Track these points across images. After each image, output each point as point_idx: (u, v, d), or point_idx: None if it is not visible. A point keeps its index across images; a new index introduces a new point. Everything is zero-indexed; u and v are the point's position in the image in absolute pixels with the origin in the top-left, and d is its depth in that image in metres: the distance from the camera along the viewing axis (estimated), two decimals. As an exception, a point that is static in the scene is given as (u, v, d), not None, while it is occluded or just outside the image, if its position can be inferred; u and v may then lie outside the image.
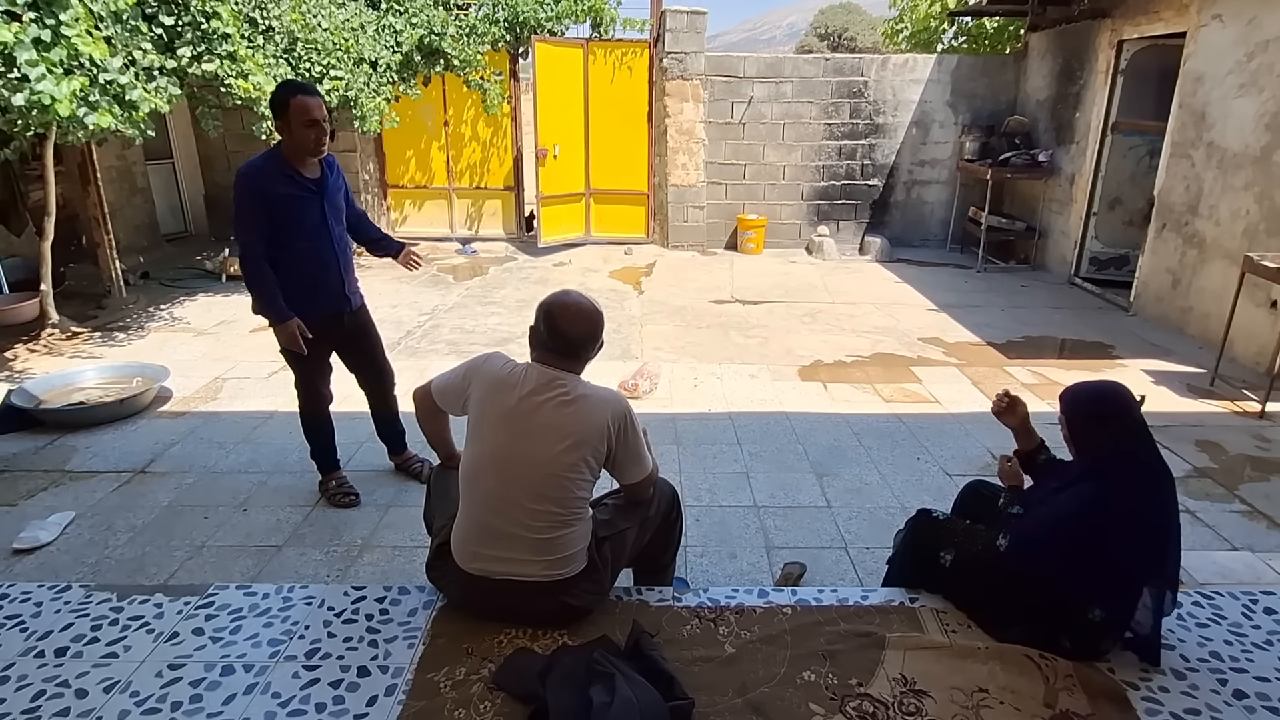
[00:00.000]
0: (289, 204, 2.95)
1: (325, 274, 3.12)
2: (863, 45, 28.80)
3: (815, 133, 8.65)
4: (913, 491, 3.52)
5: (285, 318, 2.99)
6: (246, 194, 2.89)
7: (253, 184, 2.89)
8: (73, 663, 2.13)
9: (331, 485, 3.40)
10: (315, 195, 3.02)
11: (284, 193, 2.93)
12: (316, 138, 2.90)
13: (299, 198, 2.97)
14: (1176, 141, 6.06)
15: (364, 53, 6.68)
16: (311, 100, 2.86)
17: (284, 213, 2.94)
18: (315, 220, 3.03)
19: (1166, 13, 6.18)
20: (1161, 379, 4.94)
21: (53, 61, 3.94)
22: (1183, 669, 2.13)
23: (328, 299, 3.16)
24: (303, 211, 2.99)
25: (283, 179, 2.93)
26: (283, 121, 2.87)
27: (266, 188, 2.90)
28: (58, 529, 3.11)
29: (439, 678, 2.02)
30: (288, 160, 2.94)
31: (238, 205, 2.92)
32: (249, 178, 2.90)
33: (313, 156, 2.97)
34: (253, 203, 2.89)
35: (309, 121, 2.86)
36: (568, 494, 2.06)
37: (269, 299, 2.97)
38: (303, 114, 2.84)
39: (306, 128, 2.86)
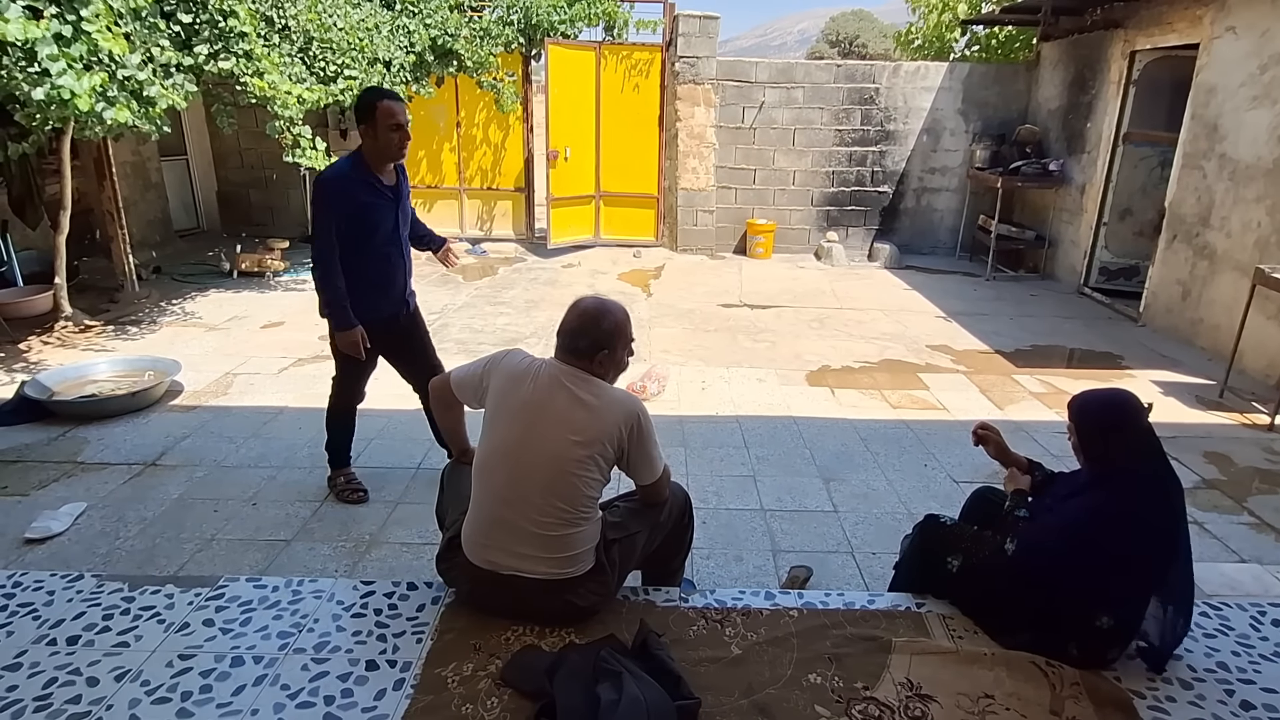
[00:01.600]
0: (368, 212, 2.98)
1: (393, 279, 3.17)
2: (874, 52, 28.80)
3: (826, 139, 8.67)
4: (919, 498, 3.53)
5: (350, 325, 3.03)
6: (329, 200, 2.92)
7: (336, 191, 2.91)
8: (84, 651, 2.15)
9: (340, 481, 3.42)
10: (391, 203, 3.05)
11: (365, 201, 2.96)
12: (400, 142, 2.94)
13: (378, 206, 3.00)
14: (1188, 153, 6.05)
15: (378, 53, 6.72)
16: (397, 105, 2.90)
17: (363, 221, 2.97)
18: (389, 227, 3.07)
19: (1180, 24, 6.17)
20: (1170, 390, 4.92)
21: (73, 57, 3.98)
22: (1190, 679, 2.13)
23: (391, 302, 3.20)
24: (380, 219, 3.02)
25: (364, 187, 2.95)
26: (368, 125, 2.89)
27: (349, 195, 2.93)
28: (69, 519, 3.14)
29: (447, 673, 2.04)
30: (369, 167, 2.96)
31: (318, 210, 2.94)
32: (334, 184, 2.92)
33: (395, 161, 3.02)
34: (335, 209, 2.91)
35: (395, 125, 2.89)
36: (577, 492, 2.07)
37: (339, 306, 3.00)
38: (389, 118, 2.87)
39: (392, 131, 2.89)
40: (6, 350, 5.06)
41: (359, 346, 3.05)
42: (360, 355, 3.08)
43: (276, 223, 8.77)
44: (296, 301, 6.54)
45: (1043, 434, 4.22)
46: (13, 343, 5.16)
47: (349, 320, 3.02)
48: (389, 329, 3.22)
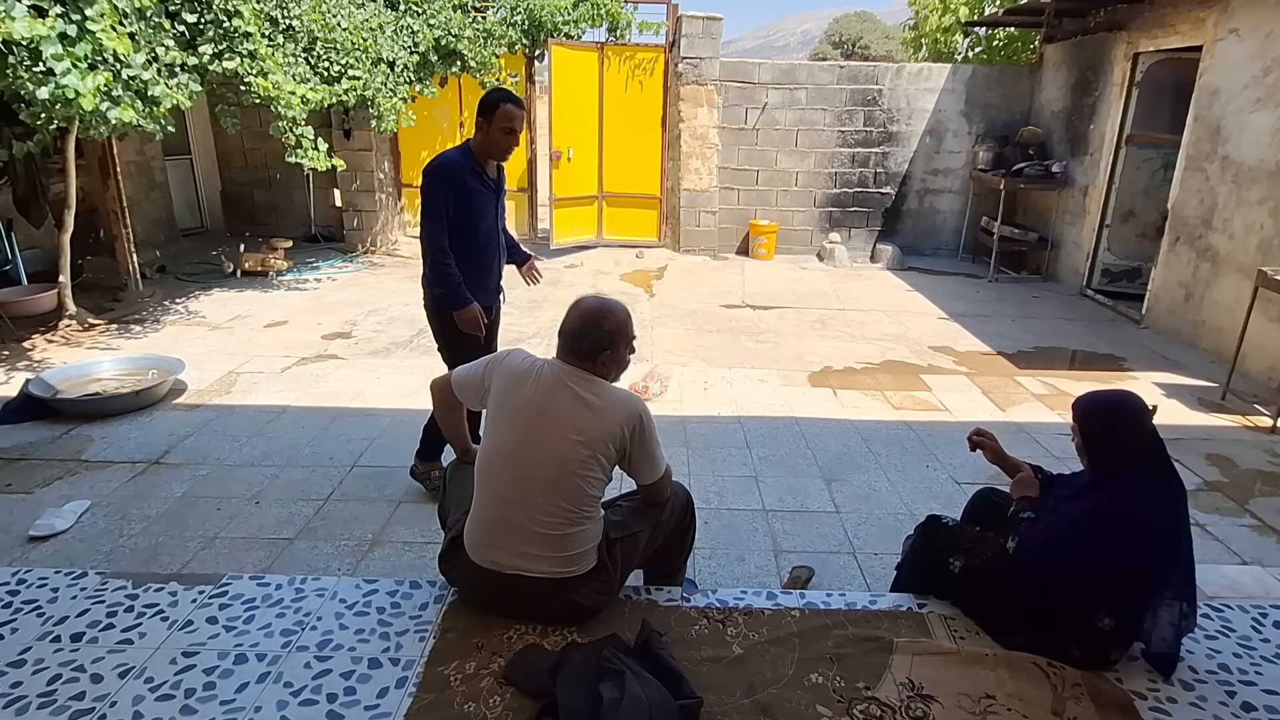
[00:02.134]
0: (474, 200, 3.07)
1: (490, 270, 3.27)
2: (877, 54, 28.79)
3: (829, 140, 8.67)
4: (921, 499, 3.53)
5: (468, 302, 3.10)
6: (439, 185, 3.00)
7: (447, 177, 3.01)
8: (88, 648, 2.15)
9: (435, 474, 3.43)
10: (493, 195, 3.17)
11: (472, 188, 3.06)
12: (509, 145, 3.06)
13: (483, 195, 3.11)
14: (1191, 155, 6.05)
15: (382, 53, 6.73)
16: (517, 111, 3.01)
17: (469, 208, 3.07)
18: (491, 218, 3.18)
19: (1183, 26, 6.17)
20: (1173, 392, 4.92)
21: (78, 56, 3.99)
22: (1191, 680, 2.13)
23: (486, 293, 3.27)
24: (483, 209, 3.12)
25: (472, 175, 3.06)
26: (485, 120, 3.00)
27: (459, 181, 3.02)
28: (73, 517, 3.15)
29: (449, 671, 2.04)
30: (476, 158, 3.08)
31: (428, 194, 3.02)
32: (445, 169, 3.02)
33: (499, 160, 3.15)
34: (444, 192, 3.00)
35: (508, 129, 3.00)
36: (579, 491, 2.07)
37: (454, 286, 3.08)
38: (506, 120, 2.98)
39: (505, 134, 3.01)
40: (11, 348, 5.08)
41: (479, 322, 3.12)
42: (481, 331, 3.15)
43: (280, 222, 8.78)
44: (299, 301, 6.56)
45: (1045, 435, 4.22)
46: (17, 341, 5.17)
47: (466, 298, 3.10)
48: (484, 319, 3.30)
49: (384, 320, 6.06)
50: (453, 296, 3.11)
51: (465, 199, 3.04)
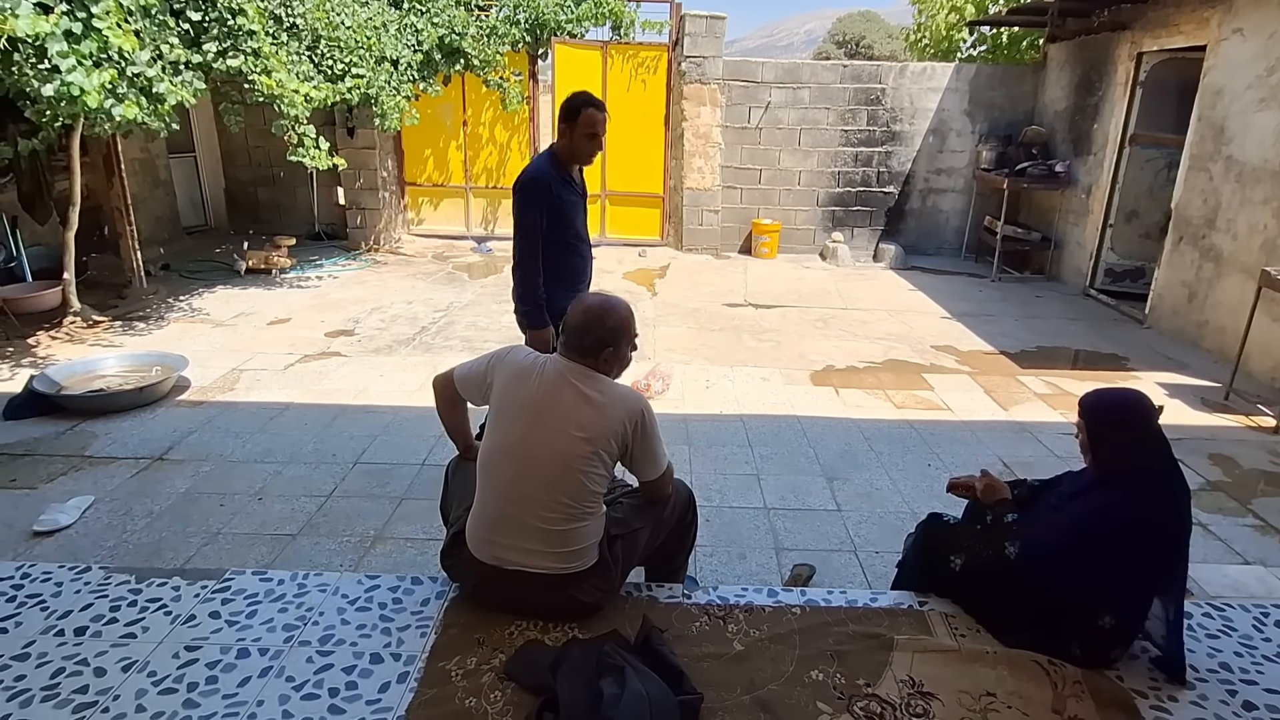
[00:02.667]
0: (565, 208, 3.06)
1: (583, 274, 3.26)
2: (880, 53, 28.76)
3: (832, 139, 8.67)
4: (923, 497, 3.53)
5: (544, 325, 3.10)
6: (536, 197, 2.99)
7: (540, 191, 2.99)
8: (92, 642, 2.17)
9: None
10: (581, 200, 3.17)
11: (563, 197, 3.04)
12: (592, 150, 3.06)
13: (573, 202, 3.10)
14: (1195, 155, 6.04)
15: (385, 51, 6.74)
16: (601, 116, 3.00)
17: (561, 216, 3.05)
18: (581, 223, 3.18)
19: (1187, 26, 6.16)
20: (1175, 392, 4.91)
21: (83, 53, 4.00)
22: (1192, 679, 2.13)
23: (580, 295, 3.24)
24: (574, 215, 3.12)
25: (561, 183, 3.05)
26: (568, 125, 2.99)
27: (551, 194, 3.00)
28: (77, 512, 3.16)
29: (450, 666, 2.05)
30: (561, 164, 3.07)
31: (524, 209, 3.01)
32: (537, 183, 3.00)
33: (582, 165, 3.14)
34: (541, 205, 2.99)
35: (592, 134, 2.99)
36: (581, 487, 2.08)
37: (535, 305, 3.10)
38: (589, 125, 2.97)
39: (588, 139, 3.00)
40: (15, 345, 5.09)
41: (549, 345, 3.05)
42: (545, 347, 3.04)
43: (284, 220, 8.79)
44: (302, 298, 6.57)
45: (1047, 435, 4.21)
46: (21, 338, 5.19)
47: (544, 320, 3.09)
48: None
49: (386, 318, 6.07)
50: (534, 317, 3.12)
51: (558, 209, 3.03)
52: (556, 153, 3.07)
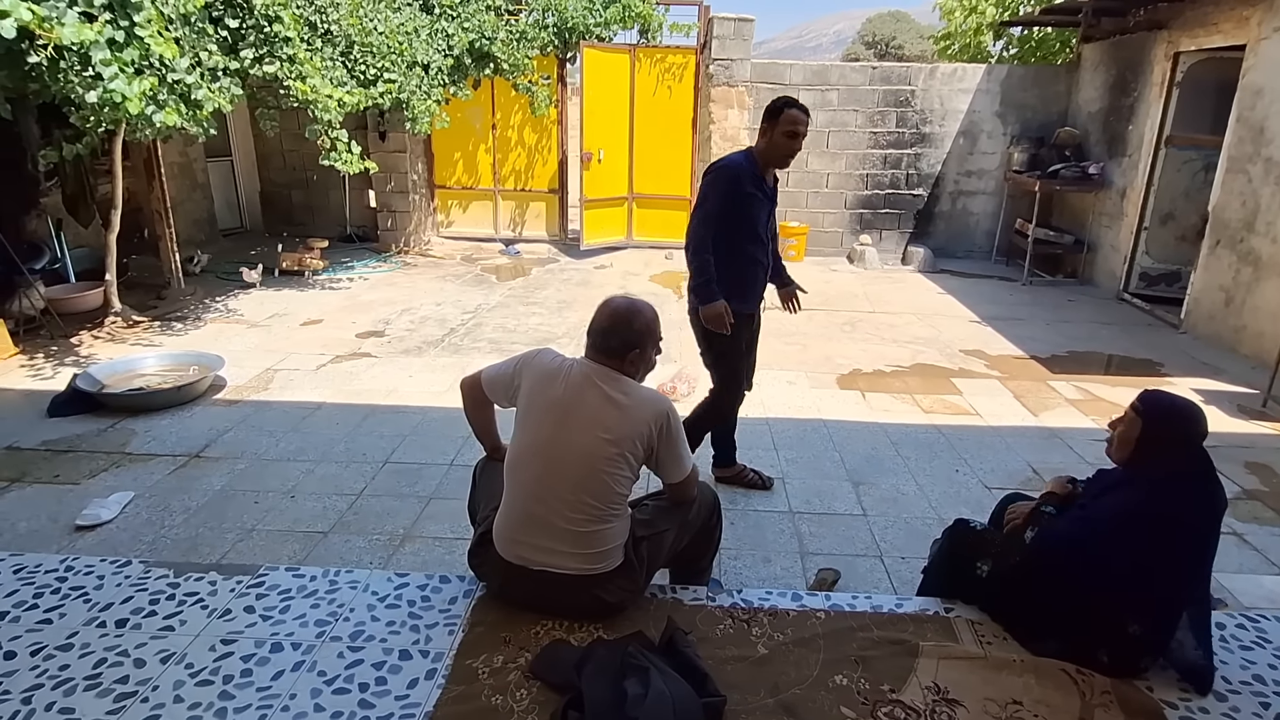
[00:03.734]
0: (749, 204, 3.08)
1: (755, 279, 3.26)
2: (910, 54, 28.49)
3: (860, 141, 8.61)
4: (950, 503, 3.50)
5: (715, 298, 3.06)
6: (720, 185, 3.04)
7: (725, 177, 3.04)
8: (132, 634, 2.23)
9: (749, 473, 3.56)
10: (767, 202, 3.15)
11: (748, 192, 3.06)
12: (789, 151, 3.04)
13: (759, 201, 3.11)
14: (1234, 156, 5.91)
15: (417, 56, 6.84)
16: (802, 116, 2.99)
17: (743, 211, 3.07)
18: (761, 225, 3.15)
19: (1226, 25, 6.03)
20: (1211, 398, 4.81)
21: (125, 61, 4.12)
22: (1224, 691, 2.09)
23: (748, 301, 3.25)
24: (756, 214, 3.12)
25: (752, 179, 3.06)
26: (769, 125, 3.00)
27: (736, 184, 3.04)
28: (118, 508, 3.25)
29: (477, 664, 2.08)
30: (757, 164, 3.08)
31: (709, 190, 3.07)
32: (725, 170, 3.05)
33: (778, 166, 3.14)
34: (724, 194, 3.03)
35: (792, 133, 2.98)
36: (607, 489, 2.10)
37: (707, 280, 3.07)
38: (791, 124, 2.97)
39: (788, 138, 2.99)
40: (59, 344, 5.25)
41: (724, 319, 3.05)
42: (726, 329, 3.08)
43: (317, 222, 8.96)
44: (334, 300, 6.68)
45: (1078, 441, 4.15)
46: (65, 337, 5.35)
47: (715, 294, 3.05)
48: (747, 324, 3.30)
49: (416, 319, 6.15)
50: (703, 290, 3.08)
51: (739, 201, 3.05)
52: (754, 153, 3.09)
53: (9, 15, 3.54)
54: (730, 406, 3.45)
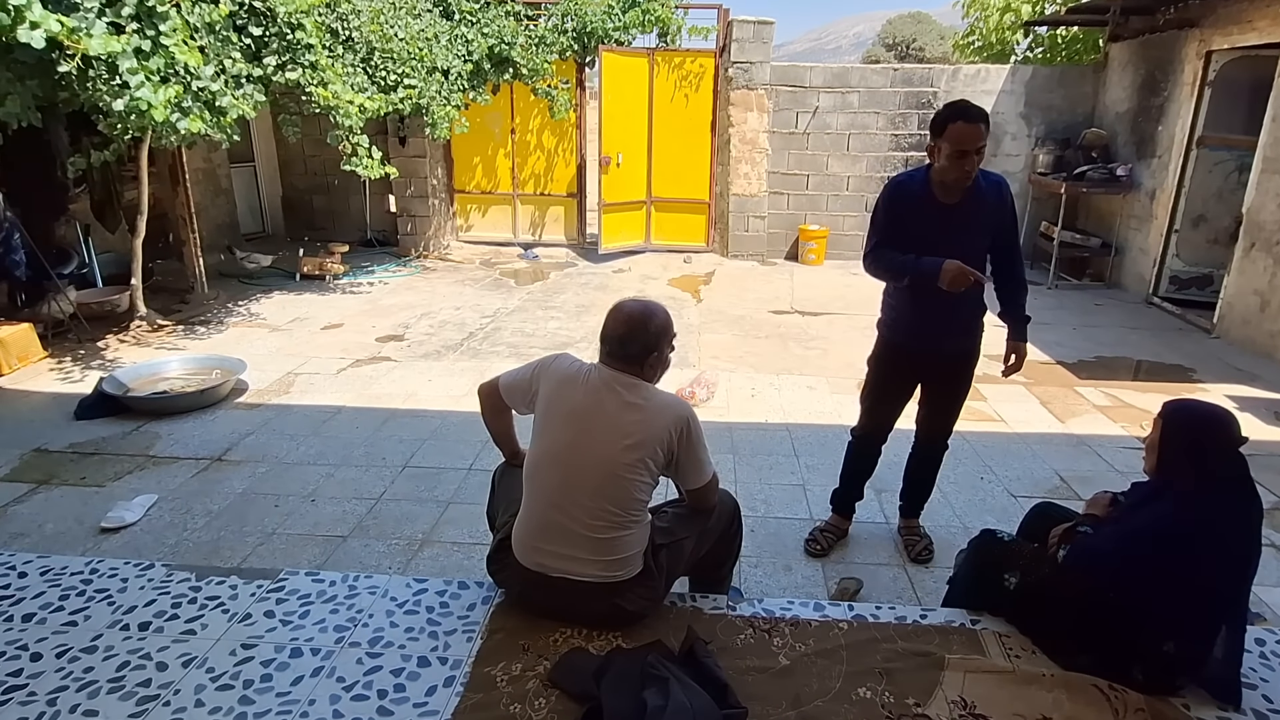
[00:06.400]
0: (907, 225, 2.72)
1: (937, 310, 2.74)
2: (931, 55, 28.26)
3: (881, 144, 8.54)
4: (975, 511, 3.44)
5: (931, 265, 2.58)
6: (883, 195, 2.79)
7: (888, 195, 2.76)
8: (154, 637, 2.24)
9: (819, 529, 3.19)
10: (937, 221, 2.66)
11: (904, 212, 2.72)
12: (958, 176, 2.54)
13: (929, 220, 2.68)
14: (1269, 157, 5.77)
15: (437, 62, 6.87)
16: (973, 128, 2.46)
17: (906, 232, 2.71)
18: (930, 247, 2.63)
19: (1261, 22, 5.90)
20: (1246, 405, 4.69)
21: (151, 70, 4.17)
22: (1265, 710, 2.02)
23: (929, 337, 2.84)
24: (920, 235, 2.67)
25: (913, 198, 2.69)
26: (935, 143, 2.57)
27: (895, 200, 2.74)
28: (142, 510, 3.28)
29: (496, 672, 2.06)
30: (930, 180, 2.65)
31: (876, 207, 2.82)
32: (890, 187, 2.76)
33: (950, 190, 2.62)
34: (883, 206, 2.78)
35: (960, 153, 2.49)
36: (627, 495, 2.08)
37: (898, 267, 2.70)
38: (957, 141, 2.48)
39: (955, 159, 2.50)
40: (86, 348, 5.32)
41: (965, 273, 2.53)
42: (966, 283, 2.56)
43: (338, 227, 9.04)
44: (355, 304, 6.72)
45: (1107, 449, 4.06)
46: (92, 340, 5.42)
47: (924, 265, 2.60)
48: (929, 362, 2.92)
49: (435, 324, 6.17)
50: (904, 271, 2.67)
51: (902, 220, 2.71)
52: (931, 172, 2.64)
53: (39, 26, 3.60)
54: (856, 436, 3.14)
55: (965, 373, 2.97)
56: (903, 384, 3.00)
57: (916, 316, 2.83)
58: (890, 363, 2.98)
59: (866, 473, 3.19)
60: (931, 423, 3.07)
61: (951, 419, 3.07)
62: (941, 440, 3.11)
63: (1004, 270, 2.90)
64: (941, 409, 3.03)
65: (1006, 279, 2.92)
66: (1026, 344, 2.97)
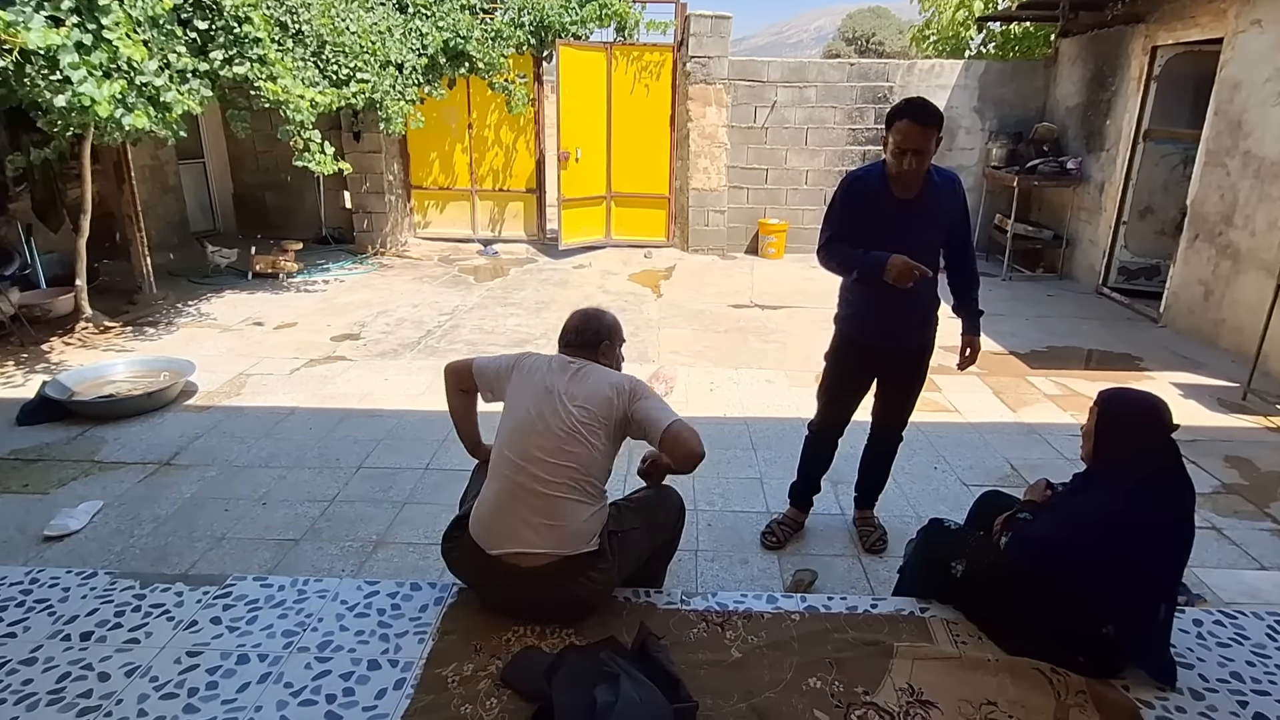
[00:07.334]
0: (862, 220, 2.75)
1: (892, 304, 2.75)
2: (891, 50, 28.62)
3: (839, 138, 8.62)
4: (928, 501, 3.49)
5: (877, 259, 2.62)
6: (839, 188, 2.80)
7: (847, 181, 2.79)
8: (96, 647, 2.19)
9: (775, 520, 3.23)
10: (893, 216, 2.70)
11: (868, 204, 2.73)
12: (901, 172, 2.59)
13: (883, 215, 2.71)
14: (1211, 150, 5.95)
15: (390, 56, 6.76)
16: (917, 128, 2.50)
17: (860, 226, 2.74)
18: (888, 241, 2.65)
19: (1203, 18, 6.07)
20: (1191, 392, 4.84)
21: (93, 64, 4.05)
22: (1201, 689, 2.09)
23: (885, 331, 2.85)
24: (876, 229, 2.71)
25: (868, 191, 2.72)
26: (886, 135, 2.61)
27: (850, 194, 2.76)
28: (86, 517, 3.19)
29: (447, 673, 2.05)
30: (886, 175, 2.68)
31: (830, 202, 2.84)
32: (851, 175, 2.80)
33: (899, 185, 2.67)
34: (839, 199, 2.80)
35: (899, 150, 2.55)
36: (589, 457, 2.16)
37: (848, 261, 2.74)
38: (899, 137, 2.54)
39: (896, 156, 2.57)
40: (30, 351, 5.15)
41: (910, 268, 2.56)
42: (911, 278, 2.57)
43: (291, 224, 8.83)
44: (310, 302, 6.60)
45: (1056, 437, 4.16)
46: (36, 344, 5.25)
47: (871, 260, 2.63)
48: (880, 357, 2.94)
49: (392, 322, 6.09)
50: (852, 265, 2.71)
51: (857, 214, 2.74)
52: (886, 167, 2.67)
53: (-30, 20, 3.47)
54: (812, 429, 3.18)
55: (921, 365, 3.00)
56: (860, 378, 3.03)
57: (873, 310, 2.85)
58: (847, 356, 3.00)
59: (824, 467, 3.22)
60: (887, 415, 3.11)
61: (907, 411, 3.10)
62: (897, 432, 3.15)
63: (957, 265, 2.95)
64: (897, 402, 3.07)
65: (960, 274, 2.96)
66: (980, 337, 3.01)
